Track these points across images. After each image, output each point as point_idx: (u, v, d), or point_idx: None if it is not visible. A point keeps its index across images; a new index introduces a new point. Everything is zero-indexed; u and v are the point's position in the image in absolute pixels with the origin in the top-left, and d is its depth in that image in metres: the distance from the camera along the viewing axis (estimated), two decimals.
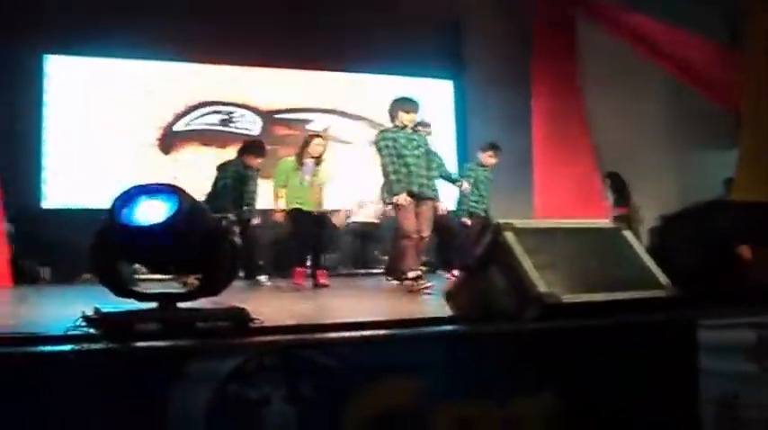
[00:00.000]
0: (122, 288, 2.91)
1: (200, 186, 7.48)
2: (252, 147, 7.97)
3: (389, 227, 7.91)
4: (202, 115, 10.39)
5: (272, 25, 9.98)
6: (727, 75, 8.81)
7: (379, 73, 11.36)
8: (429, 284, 5.82)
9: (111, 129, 9.80)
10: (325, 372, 2.30)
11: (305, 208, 7.07)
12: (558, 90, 10.52)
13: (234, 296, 3.17)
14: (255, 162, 7.80)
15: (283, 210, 7.12)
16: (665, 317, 2.89)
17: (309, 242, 7.11)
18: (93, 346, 2.30)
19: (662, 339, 2.81)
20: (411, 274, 5.89)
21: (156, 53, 9.92)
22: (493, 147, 8.40)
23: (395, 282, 6.95)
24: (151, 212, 2.54)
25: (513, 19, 11.24)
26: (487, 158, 8.31)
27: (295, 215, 7.06)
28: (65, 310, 4.71)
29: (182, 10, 9.42)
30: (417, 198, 6.10)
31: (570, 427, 2.61)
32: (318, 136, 7.50)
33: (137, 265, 8.44)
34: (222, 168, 7.78)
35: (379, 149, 6.19)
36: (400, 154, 6.11)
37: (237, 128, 10.51)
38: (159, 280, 5.21)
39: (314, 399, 2.26)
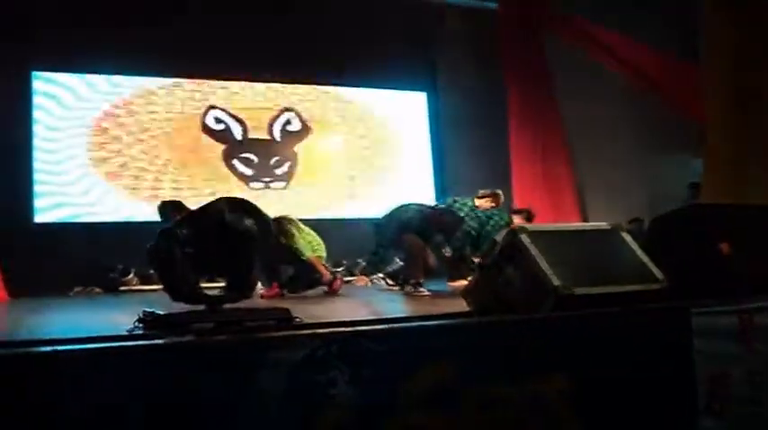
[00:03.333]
0: (187, 290, 3.23)
1: None
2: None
3: None
4: None
5: (251, 40, 10.20)
6: (686, 86, 9.30)
7: (355, 86, 11.65)
8: (426, 293, 6.17)
9: (100, 143, 10.02)
10: (380, 359, 2.65)
11: None
12: (532, 99, 10.90)
13: None
14: None
15: None
16: (662, 306, 3.28)
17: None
18: (180, 340, 2.62)
19: (660, 325, 3.21)
20: (413, 281, 6.32)
21: (144, 69, 10.15)
22: (494, 194, 7.90)
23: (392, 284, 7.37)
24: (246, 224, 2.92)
25: (486, 30, 11.63)
26: (482, 203, 7.72)
27: None
28: (91, 318, 5.02)
29: (167, 27, 9.64)
30: None
31: (581, 405, 2.98)
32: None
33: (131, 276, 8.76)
34: None
35: None
36: None
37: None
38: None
39: (372, 382, 2.61)
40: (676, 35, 11.44)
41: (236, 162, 10.75)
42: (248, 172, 10.78)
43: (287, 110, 11.22)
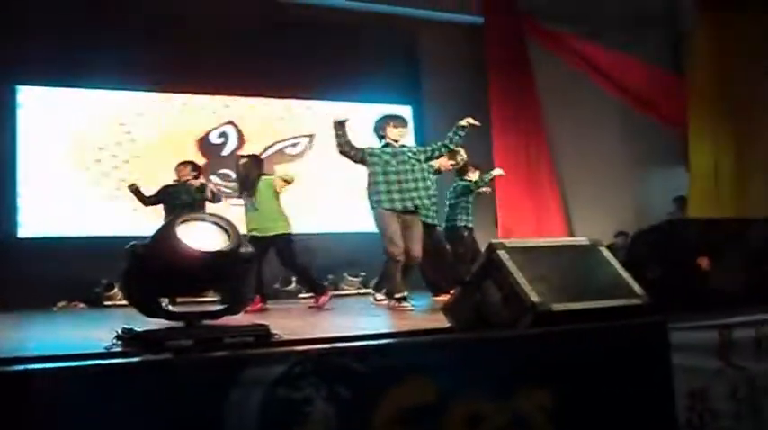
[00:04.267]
0: (152, 308, 3.21)
1: None
2: (183, 162, 8.28)
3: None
4: None
5: (239, 57, 10.26)
6: (673, 99, 9.36)
7: (340, 100, 11.66)
8: (410, 308, 5.98)
9: (84, 158, 10.00)
10: (357, 376, 2.64)
11: (259, 234, 7.05)
12: (517, 112, 10.98)
13: None
14: (183, 173, 8.02)
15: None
16: (640, 321, 3.29)
17: (258, 268, 6.84)
18: (156, 358, 2.60)
19: (638, 341, 3.20)
20: (397, 295, 6.10)
21: (127, 83, 10.15)
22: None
23: (380, 298, 7.13)
24: (202, 239, 2.85)
25: (469, 43, 11.71)
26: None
27: (252, 243, 7.06)
28: (71, 333, 4.98)
29: (152, 41, 9.69)
30: (403, 213, 6.28)
31: (561, 420, 2.97)
32: (242, 156, 7.68)
33: (114, 290, 8.72)
34: None
35: (366, 165, 6.43)
36: (385, 171, 6.29)
37: None
38: None
39: (349, 399, 2.59)
40: (659, 48, 11.56)
41: (213, 177, 10.64)
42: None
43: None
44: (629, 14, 11.16)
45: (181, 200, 7.79)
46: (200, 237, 2.89)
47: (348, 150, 6.46)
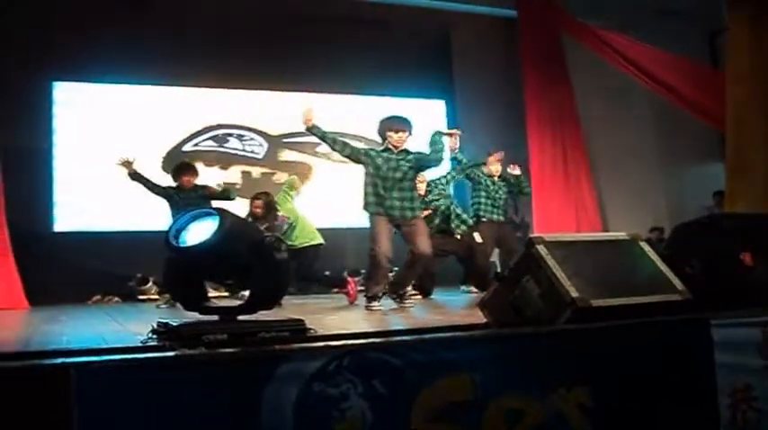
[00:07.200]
0: (191, 303, 3.21)
1: None
2: (182, 166, 7.86)
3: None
4: (211, 137, 10.69)
5: (273, 51, 10.27)
6: (710, 94, 9.18)
7: (374, 95, 11.63)
8: (378, 307, 5.78)
9: (119, 153, 10.06)
10: (394, 372, 2.61)
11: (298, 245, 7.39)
12: (551, 106, 10.86)
13: None
14: (190, 181, 7.62)
15: None
16: (681, 318, 3.22)
17: None
18: (192, 352, 2.59)
19: (680, 337, 3.14)
20: (369, 293, 5.95)
21: (161, 78, 10.23)
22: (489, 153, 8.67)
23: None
24: (198, 234, 2.85)
25: (503, 37, 11.62)
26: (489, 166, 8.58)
27: None
28: (107, 327, 5.00)
29: (186, 37, 9.72)
30: (392, 221, 6.09)
31: (600, 418, 2.92)
32: (259, 196, 7.68)
33: (149, 284, 8.76)
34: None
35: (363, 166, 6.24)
36: (376, 175, 6.09)
37: (245, 150, 10.81)
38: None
39: (385, 395, 2.57)
40: (695, 42, 11.39)
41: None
42: None
43: None
44: (664, 8, 11.01)
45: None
46: (196, 231, 2.89)
47: (342, 151, 6.33)
